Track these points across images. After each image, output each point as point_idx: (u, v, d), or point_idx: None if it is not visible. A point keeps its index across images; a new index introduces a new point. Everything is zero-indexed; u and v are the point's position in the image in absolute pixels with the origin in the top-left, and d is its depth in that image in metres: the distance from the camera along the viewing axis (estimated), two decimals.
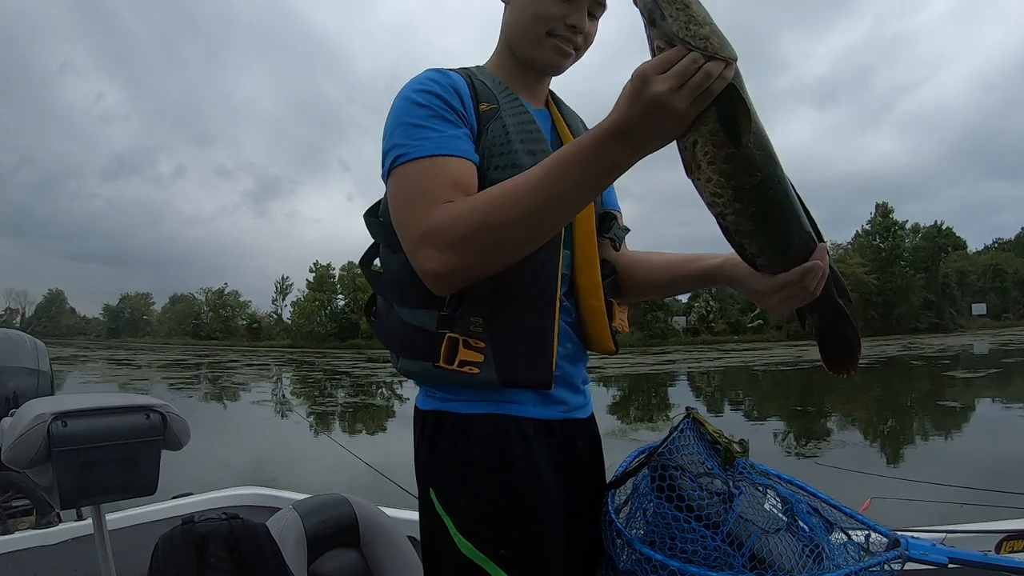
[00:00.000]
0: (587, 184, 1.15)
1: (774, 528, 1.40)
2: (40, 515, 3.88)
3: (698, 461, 1.47)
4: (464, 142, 1.32)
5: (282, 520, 2.24)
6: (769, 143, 1.14)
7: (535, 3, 1.44)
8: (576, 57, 1.51)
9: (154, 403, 2.10)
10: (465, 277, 1.23)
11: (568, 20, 1.43)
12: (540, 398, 1.40)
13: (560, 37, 1.45)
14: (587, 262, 1.47)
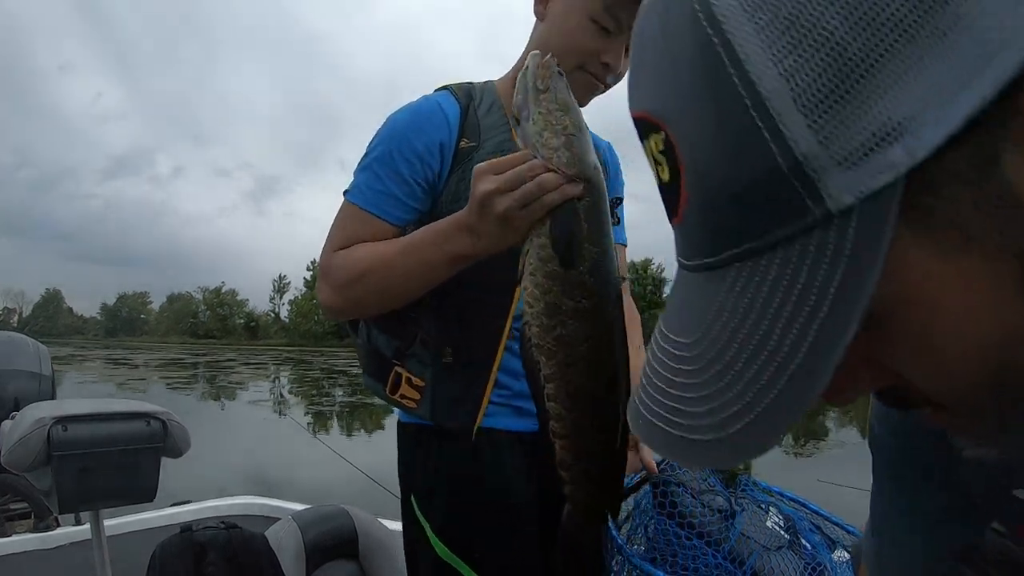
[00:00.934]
0: (436, 265, 1.24)
1: (776, 546, 1.40)
2: (38, 519, 3.88)
3: (700, 478, 1.47)
4: (397, 203, 1.36)
5: (281, 530, 2.23)
6: (614, 282, 1.06)
7: (573, 34, 1.38)
8: (603, 91, 1.46)
9: (155, 410, 2.10)
10: (348, 314, 1.41)
11: (604, 57, 1.38)
12: (512, 410, 1.44)
13: (592, 74, 1.41)
14: None
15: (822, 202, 0.37)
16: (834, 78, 0.35)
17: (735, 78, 0.37)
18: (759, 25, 0.37)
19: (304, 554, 2.17)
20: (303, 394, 25.81)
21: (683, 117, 0.42)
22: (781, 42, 0.36)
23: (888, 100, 0.35)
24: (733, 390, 0.41)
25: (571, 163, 1.01)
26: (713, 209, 0.42)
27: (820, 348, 0.38)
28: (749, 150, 0.38)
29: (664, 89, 0.43)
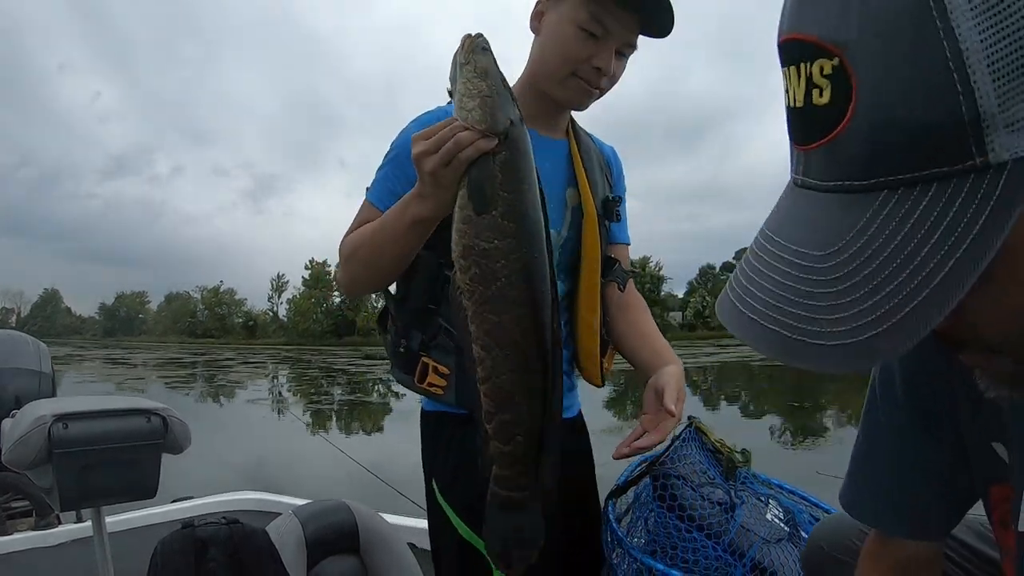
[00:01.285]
0: (401, 231, 1.32)
1: (776, 538, 1.41)
2: (39, 517, 3.87)
3: (700, 471, 1.48)
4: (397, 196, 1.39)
5: (282, 525, 2.23)
6: (536, 227, 1.16)
7: (563, 44, 1.46)
8: (600, 95, 1.53)
9: (155, 406, 2.10)
10: (352, 289, 1.51)
11: (594, 62, 1.44)
12: None
13: (584, 79, 1.47)
14: (588, 310, 1.58)
15: (984, 154, 0.43)
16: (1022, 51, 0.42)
17: (940, 29, 0.42)
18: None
19: (305, 549, 2.17)
20: (302, 392, 25.80)
21: (871, 50, 0.46)
22: (986, 8, 0.42)
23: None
24: (871, 300, 0.46)
25: (483, 120, 1.11)
26: (881, 138, 0.47)
27: (960, 271, 0.44)
28: (937, 95, 0.44)
29: (850, 19, 0.47)
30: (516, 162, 1.14)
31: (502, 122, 1.12)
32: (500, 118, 1.12)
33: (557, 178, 1.58)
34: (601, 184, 1.63)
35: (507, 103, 1.14)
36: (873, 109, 0.46)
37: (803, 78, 0.51)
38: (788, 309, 0.50)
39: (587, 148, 1.65)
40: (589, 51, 1.43)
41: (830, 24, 0.48)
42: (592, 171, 1.61)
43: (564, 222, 1.58)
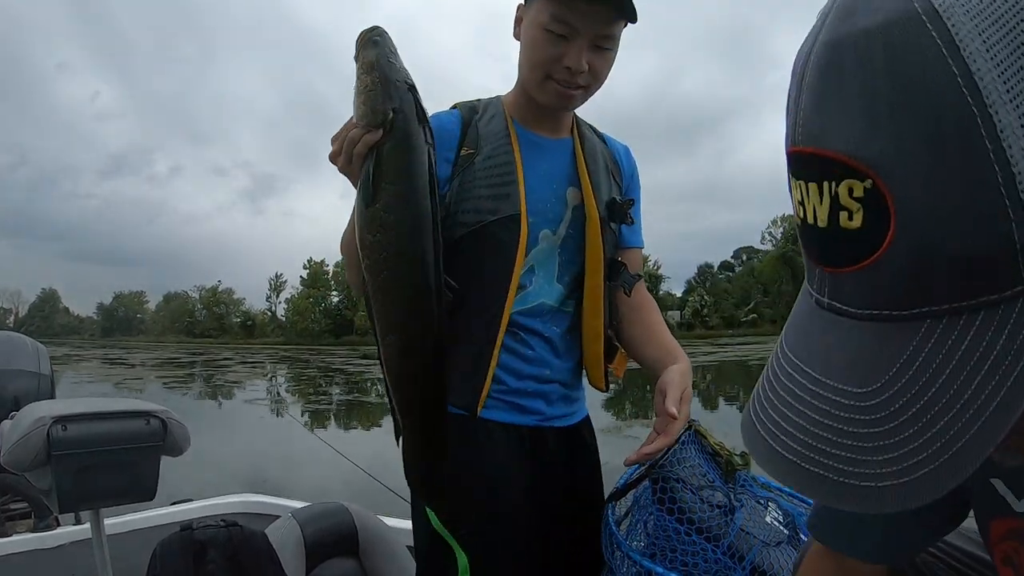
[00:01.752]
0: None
1: (776, 541, 1.41)
2: (38, 518, 3.87)
3: (699, 473, 1.48)
4: None
5: (281, 528, 2.24)
6: (418, 218, 1.20)
7: (532, 47, 1.47)
8: (586, 94, 1.52)
9: (154, 408, 2.10)
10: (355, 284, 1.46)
11: (564, 62, 1.43)
12: (510, 407, 1.52)
13: (560, 80, 1.46)
14: (592, 313, 1.58)
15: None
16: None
17: (991, 152, 0.39)
18: (1020, 110, 0.38)
19: (304, 551, 2.17)
20: (300, 392, 25.79)
21: (912, 176, 0.42)
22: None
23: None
24: (922, 438, 0.43)
25: (366, 115, 1.17)
26: (925, 267, 0.44)
27: (1010, 403, 0.41)
28: (988, 221, 0.40)
29: (887, 139, 0.43)
30: (399, 152, 1.18)
31: (381, 114, 1.17)
32: (379, 110, 1.17)
33: (557, 177, 1.58)
34: (606, 185, 1.62)
35: (390, 92, 1.19)
36: (915, 236, 0.43)
37: (827, 197, 0.47)
38: (831, 451, 0.47)
39: (592, 147, 1.64)
40: (558, 52, 1.43)
41: (859, 139, 0.44)
42: (596, 172, 1.60)
43: (563, 221, 1.57)
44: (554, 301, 1.57)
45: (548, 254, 1.56)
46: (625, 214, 1.62)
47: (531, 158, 1.55)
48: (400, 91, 1.20)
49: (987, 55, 0.39)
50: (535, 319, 1.55)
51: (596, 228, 1.55)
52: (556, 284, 1.58)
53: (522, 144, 1.56)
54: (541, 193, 1.54)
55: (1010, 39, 0.40)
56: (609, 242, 1.59)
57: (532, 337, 1.54)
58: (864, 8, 0.45)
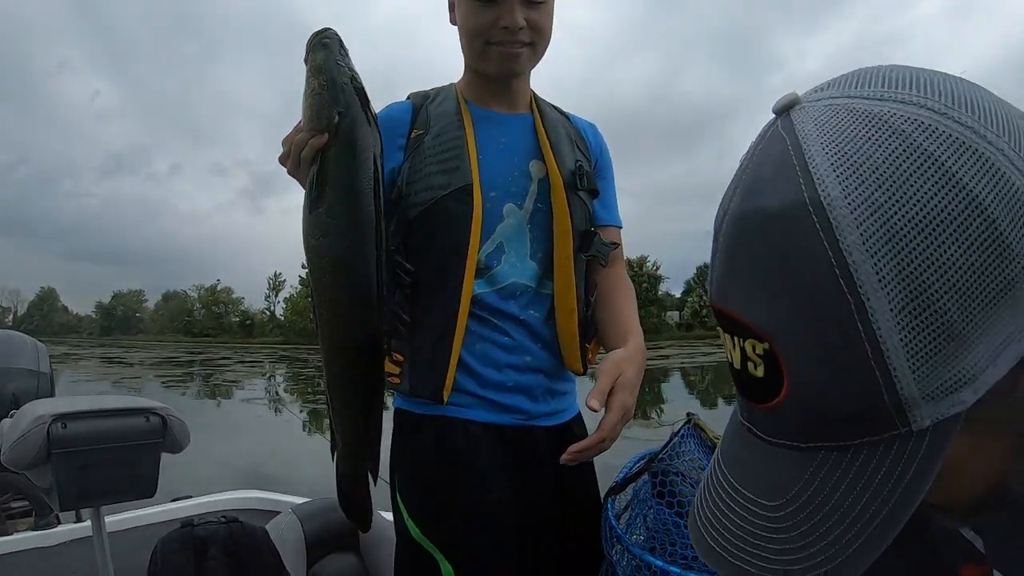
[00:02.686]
0: None
1: None
2: (39, 517, 3.87)
3: (699, 467, 1.48)
4: None
5: (282, 524, 2.24)
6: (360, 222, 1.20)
7: (465, 19, 1.47)
8: (533, 51, 1.50)
9: (154, 406, 2.11)
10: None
11: (500, 23, 1.42)
12: (490, 405, 1.48)
13: (500, 43, 1.46)
14: (563, 286, 1.54)
15: (908, 425, 0.49)
16: (937, 341, 0.46)
17: (864, 336, 0.47)
18: (890, 295, 0.46)
19: (305, 547, 2.18)
20: (298, 391, 25.74)
21: (799, 345, 0.50)
22: (905, 312, 0.46)
23: (970, 357, 0.47)
24: (818, 545, 0.52)
25: (312, 119, 1.17)
26: (811, 418, 0.53)
27: (891, 520, 0.50)
28: (861, 387, 0.48)
29: (778, 312, 0.51)
30: (343, 157, 1.18)
31: (326, 118, 1.17)
32: (325, 114, 1.17)
33: (518, 150, 1.55)
34: (570, 155, 1.57)
35: (337, 96, 1.18)
36: (804, 394, 0.52)
37: (737, 347, 0.56)
38: (748, 549, 0.56)
39: (553, 120, 1.62)
40: (490, 16, 1.42)
41: (757, 308, 0.52)
42: (558, 141, 1.57)
43: (529, 195, 1.53)
44: (529, 280, 1.52)
45: (517, 230, 1.52)
46: (589, 180, 1.57)
47: (486, 131, 1.53)
48: (347, 94, 1.20)
49: (863, 246, 0.46)
50: (509, 301, 1.50)
51: (561, 196, 1.51)
52: (529, 261, 1.53)
53: (476, 120, 1.54)
54: (499, 166, 1.51)
55: (886, 229, 0.46)
56: (578, 211, 1.54)
57: (507, 322, 1.50)
58: (768, 190, 0.51)
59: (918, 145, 0.47)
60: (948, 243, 0.46)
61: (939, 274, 0.46)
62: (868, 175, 0.47)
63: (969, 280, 0.46)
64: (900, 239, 0.46)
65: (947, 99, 0.50)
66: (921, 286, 0.46)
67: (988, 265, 0.46)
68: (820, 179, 0.48)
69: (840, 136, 0.49)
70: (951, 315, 0.46)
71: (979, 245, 0.46)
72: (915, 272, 0.46)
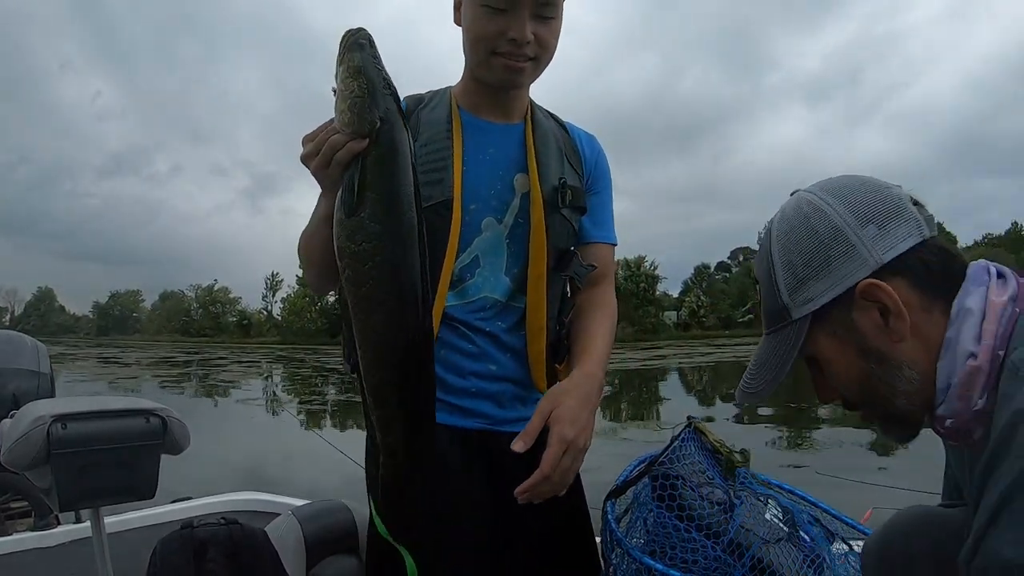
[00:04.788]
0: (318, 228, 1.33)
1: (775, 538, 1.42)
2: (38, 517, 3.87)
3: (699, 471, 1.49)
4: None
5: (281, 526, 2.24)
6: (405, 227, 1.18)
7: (472, 25, 1.44)
8: (536, 66, 1.48)
9: (154, 407, 2.10)
10: (312, 284, 1.52)
11: (508, 34, 1.40)
12: (454, 409, 1.47)
13: (506, 54, 1.43)
14: (534, 304, 1.52)
15: (791, 317, 1.10)
16: (795, 280, 1.09)
17: (773, 279, 1.12)
18: (780, 265, 1.11)
19: (304, 549, 2.17)
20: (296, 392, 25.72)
21: (761, 283, 1.17)
22: (785, 269, 1.10)
23: (809, 290, 1.07)
24: (757, 379, 1.17)
25: (351, 122, 1.15)
26: (765, 315, 1.17)
27: (783, 368, 1.12)
28: (773, 299, 1.13)
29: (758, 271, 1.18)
30: (385, 162, 1.17)
31: (369, 122, 1.16)
32: (368, 119, 1.16)
33: (505, 163, 1.53)
34: (556, 169, 1.54)
35: (378, 100, 1.17)
36: (764, 307, 1.17)
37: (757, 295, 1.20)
38: (747, 379, 1.19)
39: (545, 131, 1.58)
40: (499, 26, 1.39)
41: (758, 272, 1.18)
42: (545, 155, 1.54)
43: (510, 210, 1.51)
44: (500, 295, 1.51)
45: (494, 244, 1.51)
46: (571, 198, 1.54)
47: (475, 143, 1.52)
48: (386, 99, 1.19)
49: (777, 243, 1.12)
50: (476, 315, 1.50)
51: (539, 212, 1.49)
52: (503, 277, 1.52)
53: (466, 129, 1.52)
54: (483, 179, 1.50)
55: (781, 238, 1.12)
56: (558, 229, 1.52)
57: (472, 332, 1.49)
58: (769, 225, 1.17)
59: (798, 205, 1.12)
60: (800, 242, 1.08)
61: (795, 254, 1.08)
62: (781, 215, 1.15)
63: (806, 258, 1.07)
64: (786, 241, 1.11)
65: (823, 186, 1.11)
66: (790, 259, 1.09)
67: (816, 252, 1.06)
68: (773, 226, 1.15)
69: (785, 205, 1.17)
70: (800, 271, 1.07)
71: (812, 243, 1.06)
72: (789, 254, 1.10)
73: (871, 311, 1.00)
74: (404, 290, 1.18)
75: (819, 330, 1.06)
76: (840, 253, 1.02)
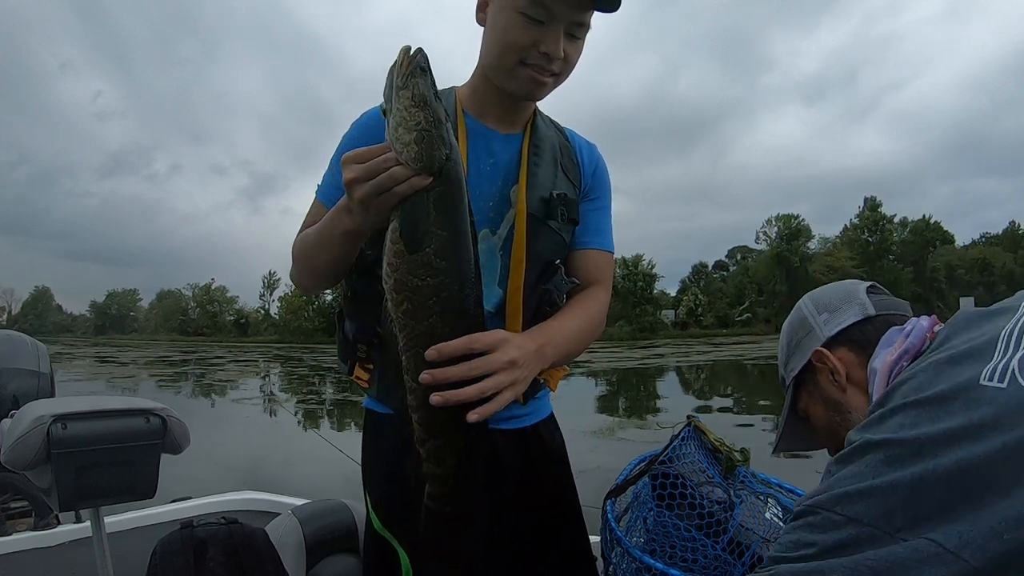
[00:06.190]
0: (332, 238, 1.32)
1: (775, 537, 1.42)
2: (39, 517, 3.86)
3: (699, 469, 1.49)
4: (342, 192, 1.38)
5: (281, 525, 2.24)
6: (468, 263, 1.15)
7: (505, 31, 1.39)
8: (556, 82, 1.46)
9: (154, 407, 2.11)
10: (301, 286, 1.53)
11: (541, 47, 1.37)
12: None
13: (533, 66, 1.40)
14: (511, 315, 1.51)
15: (785, 383, 1.38)
16: (785, 359, 1.39)
17: (780, 358, 1.42)
18: (781, 345, 1.42)
19: (304, 548, 2.18)
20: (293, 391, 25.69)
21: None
22: (782, 352, 1.41)
23: (793, 362, 1.36)
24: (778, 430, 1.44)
25: (419, 158, 1.08)
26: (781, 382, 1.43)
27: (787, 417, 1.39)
28: (781, 370, 1.41)
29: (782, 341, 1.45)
30: (450, 197, 1.13)
31: (439, 160, 1.10)
32: (437, 156, 1.10)
33: (503, 173, 1.52)
34: (550, 180, 1.54)
35: (443, 136, 1.11)
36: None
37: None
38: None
39: (541, 140, 1.57)
40: (533, 37, 1.36)
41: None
42: (539, 164, 1.53)
43: (505, 221, 1.51)
44: (492, 306, 1.50)
45: (488, 255, 1.49)
46: (561, 210, 1.53)
47: (477, 150, 1.51)
48: (449, 133, 1.13)
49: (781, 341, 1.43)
50: None
51: (522, 223, 1.48)
52: (496, 288, 1.51)
53: (471, 138, 1.51)
54: (482, 191, 1.49)
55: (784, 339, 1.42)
56: (543, 241, 1.52)
57: None
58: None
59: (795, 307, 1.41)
60: (786, 332, 1.39)
61: (784, 339, 1.40)
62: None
63: (789, 341, 1.38)
64: (782, 333, 1.42)
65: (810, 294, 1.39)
66: (782, 344, 1.40)
67: (792, 336, 1.36)
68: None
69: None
70: (787, 351, 1.37)
71: (790, 331, 1.38)
72: (782, 340, 1.41)
73: (824, 372, 1.27)
74: (467, 323, 1.16)
75: (801, 391, 1.35)
76: (804, 334, 1.34)
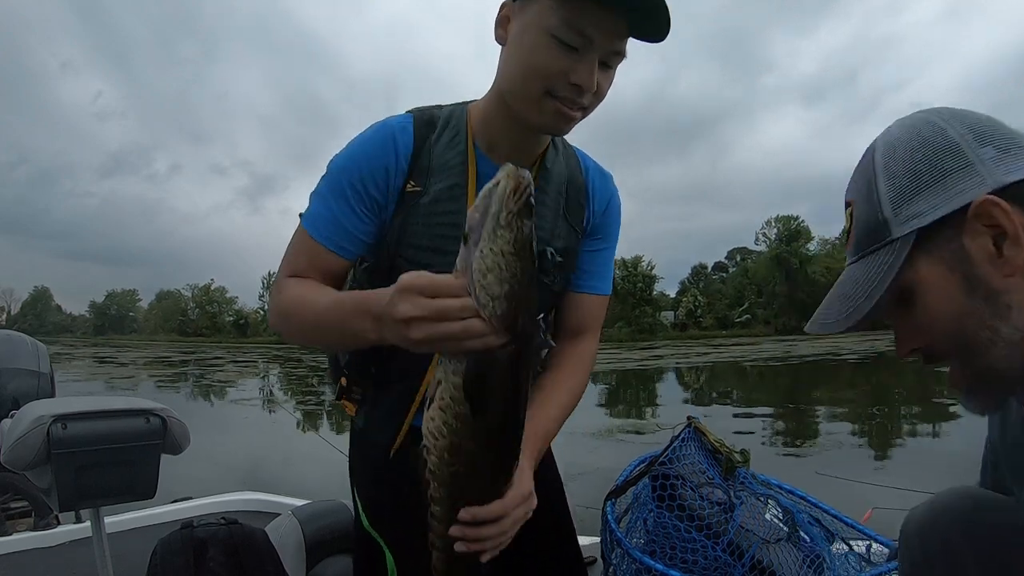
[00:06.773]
0: (344, 332, 1.17)
1: (775, 538, 1.42)
2: (39, 517, 3.87)
3: (699, 471, 1.49)
4: (346, 236, 1.35)
5: (281, 526, 2.24)
6: (519, 428, 1.05)
7: (533, 54, 1.21)
8: (584, 115, 1.29)
9: (154, 407, 2.11)
10: (289, 340, 1.42)
11: (572, 77, 1.20)
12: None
13: (562, 99, 1.23)
14: None
15: (891, 235, 0.95)
16: (900, 196, 0.94)
17: (876, 190, 0.97)
18: (888, 171, 0.96)
19: (304, 549, 2.18)
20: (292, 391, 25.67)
21: (856, 200, 1.02)
22: (889, 181, 0.95)
23: (919, 204, 0.92)
24: (846, 306, 1.00)
25: (505, 318, 0.92)
26: (856, 237, 1.02)
27: (879, 287, 0.95)
28: (870, 215, 0.98)
29: (853, 189, 1.03)
30: (520, 365, 0.99)
31: (521, 324, 0.94)
32: (522, 321, 0.94)
33: None
34: (548, 230, 1.42)
35: (531, 295, 0.96)
36: (855, 226, 1.02)
37: (846, 217, 1.05)
38: (825, 309, 1.05)
39: (547, 183, 1.43)
40: (564, 65, 1.19)
41: (849, 191, 1.05)
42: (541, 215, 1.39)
43: None
44: None
45: None
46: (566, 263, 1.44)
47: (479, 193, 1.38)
48: (534, 289, 0.98)
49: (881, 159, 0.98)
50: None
51: None
52: None
53: (480, 174, 1.36)
54: None
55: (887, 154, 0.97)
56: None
57: None
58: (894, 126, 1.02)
59: (910, 122, 0.99)
60: (911, 153, 0.94)
61: (904, 164, 0.95)
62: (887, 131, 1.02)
63: (917, 169, 0.93)
64: (894, 153, 0.97)
65: (935, 109, 0.99)
66: (896, 171, 0.95)
67: (929, 164, 0.92)
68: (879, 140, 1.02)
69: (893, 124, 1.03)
70: (908, 183, 0.94)
71: (924, 154, 0.93)
72: (896, 164, 0.96)
73: (983, 237, 0.87)
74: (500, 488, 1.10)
75: (921, 254, 0.92)
76: (956, 168, 0.89)
